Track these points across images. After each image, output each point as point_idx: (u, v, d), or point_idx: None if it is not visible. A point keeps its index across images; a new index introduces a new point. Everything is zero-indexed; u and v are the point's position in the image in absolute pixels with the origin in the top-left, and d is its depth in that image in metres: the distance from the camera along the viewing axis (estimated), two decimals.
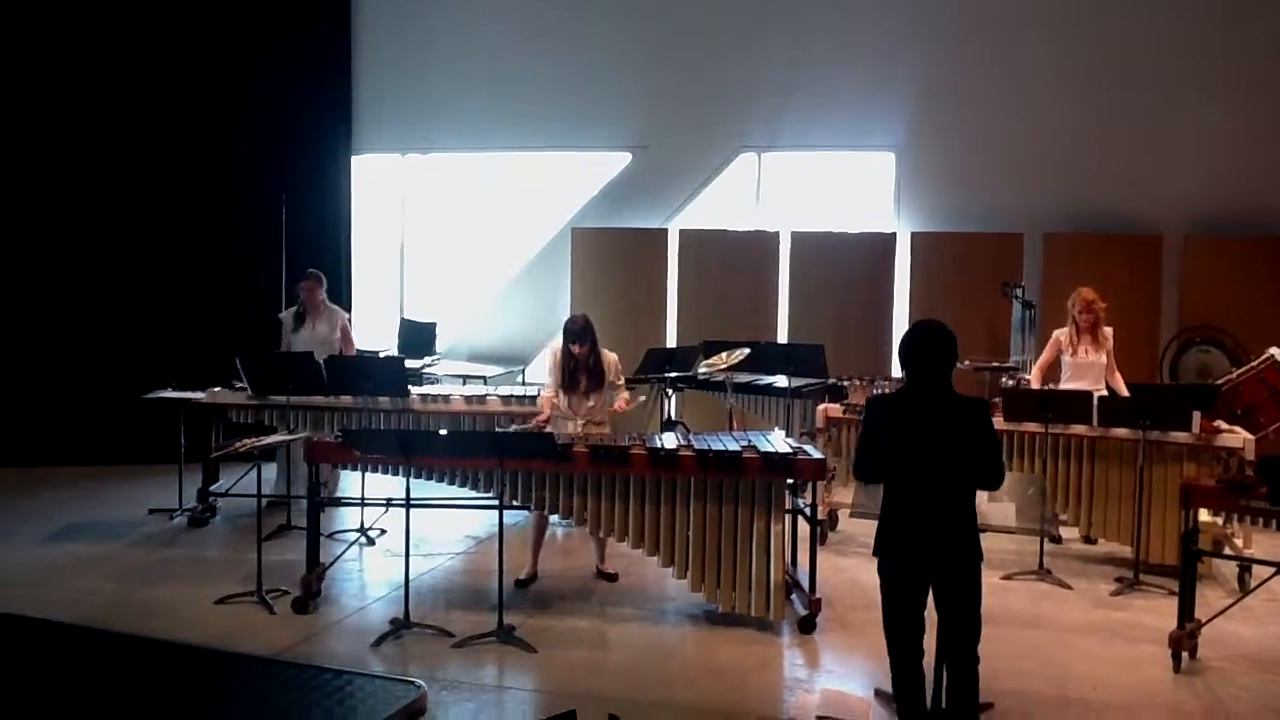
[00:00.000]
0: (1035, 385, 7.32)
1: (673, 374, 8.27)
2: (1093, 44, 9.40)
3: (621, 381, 6.71)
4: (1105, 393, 7.11)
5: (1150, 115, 9.28)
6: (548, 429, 6.40)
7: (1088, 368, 7.24)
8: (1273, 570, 5.37)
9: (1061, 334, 7.37)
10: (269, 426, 7.47)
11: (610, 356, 6.63)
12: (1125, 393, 7.11)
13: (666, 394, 8.60)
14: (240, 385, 7.51)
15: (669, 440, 6.11)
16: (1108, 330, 7.31)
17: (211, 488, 8.03)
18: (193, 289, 9.85)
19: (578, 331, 6.47)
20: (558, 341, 6.66)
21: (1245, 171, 9.09)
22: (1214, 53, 9.13)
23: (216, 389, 7.74)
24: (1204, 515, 5.73)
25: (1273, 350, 7.40)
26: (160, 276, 9.82)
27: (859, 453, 4.44)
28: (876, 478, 4.38)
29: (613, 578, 6.62)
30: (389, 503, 6.28)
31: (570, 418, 6.52)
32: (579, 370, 6.50)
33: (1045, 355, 7.46)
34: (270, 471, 7.95)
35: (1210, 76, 9.14)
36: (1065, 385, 7.25)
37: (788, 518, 6.07)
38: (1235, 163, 9.10)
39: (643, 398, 7.34)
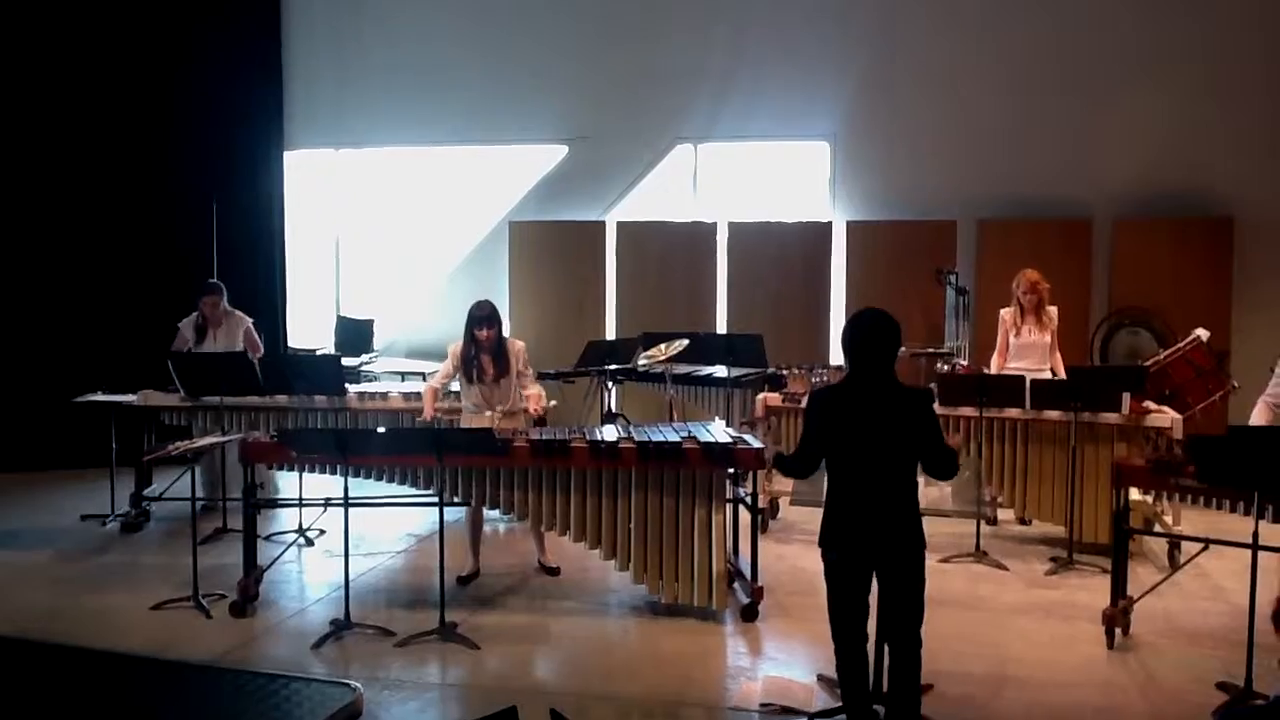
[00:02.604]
0: (997, 368, 7.41)
1: (612, 366, 8.27)
2: (1023, 32, 9.52)
3: (530, 371, 6.61)
4: (1048, 373, 7.23)
5: (1080, 101, 9.42)
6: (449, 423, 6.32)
7: (1031, 348, 7.36)
8: (1201, 546, 5.48)
9: (1006, 313, 7.49)
10: (202, 428, 7.35)
11: (517, 344, 6.54)
12: (1062, 373, 7.23)
13: (606, 386, 8.59)
14: (172, 387, 7.38)
15: (609, 433, 6.12)
16: (1052, 310, 7.43)
17: (145, 492, 7.87)
18: (123, 289, 9.63)
19: (485, 316, 6.35)
20: (458, 344, 6.53)
21: (1173, 155, 9.27)
22: (1142, 38, 9.30)
23: (148, 391, 7.59)
24: (1135, 494, 5.87)
25: (1199, 331, 7.55)
26: (89, 277, 9.59)
27: (797, 450, 4.47)
28: (803, 473, 4.43)
29: (554, 571, 6.61)
30: (327, 502, 6.21)
31: (481, 408, 6.40)
32: (483, 354, 6.39)
33: (1000, 339, 7.51)
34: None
35: (1139, 61, 9.31)
36: (1011, 365, 7.37)
37: (729, 507, 6.09)
38: (1163, 147, 9.27)
39: (554, 402, 7.31)
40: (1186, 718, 4.66)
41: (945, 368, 7.63)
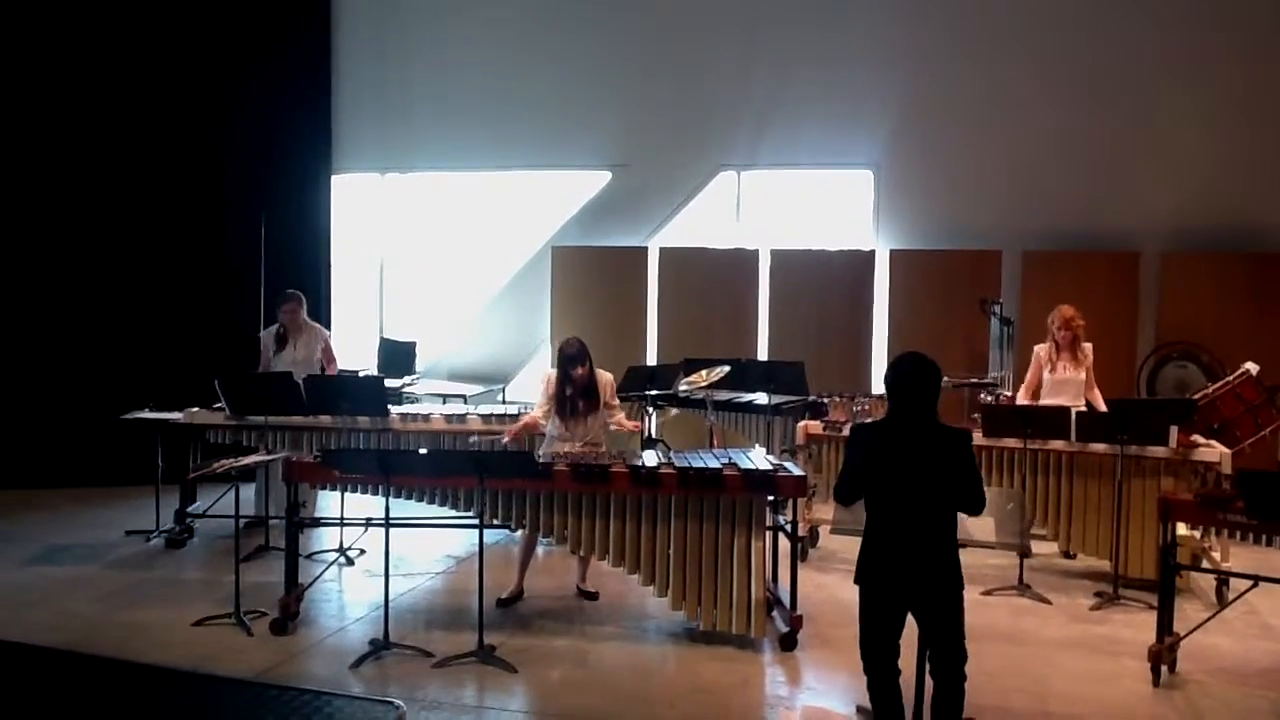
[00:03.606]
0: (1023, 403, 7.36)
1: (653, 392, 8.27)
2: (1071, 62, 9.48)
3: (617, 402, 6.74)
4: (1085, 409, 7.15)
5: (1128, 133, 9.36)
6: (537, 450, 6.41)
7: (1066, 384, 7.28)
8: (1250, 583, 5.40)
9: (1041, 350, 7.42)
10: (247, 447, 7.43)
11: (605, 376, 6.65)
12: (1103, 409, 7.15)
13: (647, 412, 8.59)
14: (218, 405, 7.47)
15: (650, 458, 6.11)
16: (1087, 346, 7.36)
17: (189, 509, 7.96)
18: (171, 309, 9.79)
19: (575, 355, 6.48)
20: (552, 371, 6.65)
21: (1222, 189, 9.17)
22: (1192, 71, 9.22)
23: (194, 409, 7.69)
24: (1182, 529, 5.76)
25: (1248, 365, 7.46)
26: (138, 296, 9.76)
27: (840, 477, 4.48)
28: (852, 500, 4.42)
29: (593, 596, 6.60)
30: (368, 522, 6.24)
31: (568, 439, 6.51)
32: (577, 395, 6.50)
33: (1030, 375, 7.49)
34: (248, 492, 7.89)
35: (1188, 95, 9.23)
36: (1045, 401, 7.29)
37: (768, 535, 6.07)
38: (1212, 180, 9.17)
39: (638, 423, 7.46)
40: None
41: (989, 398, 7.56)
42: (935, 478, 4.19)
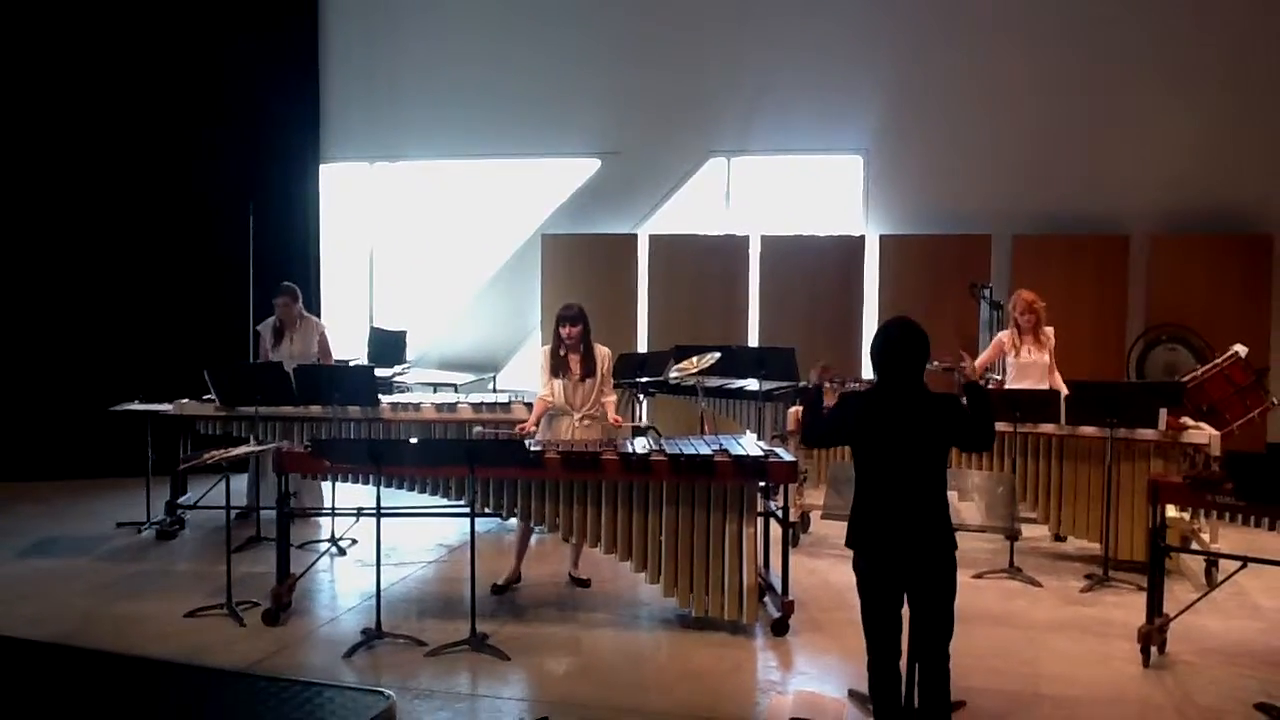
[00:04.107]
0: None
1: (644, 379, 8.27)
2: (1060, 47, 9.47)
3: (611, 381, 6.73)
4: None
5: (1116, 117, 9.37)
6: (535, 434, 6.40)
7: (1031, 367, 7.31)
8: (1239, 565, 5.43)
9: (1004, 335, 7.46)
10: (238, 438, 7.42)
11: (603, 350, 6.66)
12: (1064, 391, 7.16)
13: (638, 399, 8.59)
14: (208, 397, 7.46)
15: (640, 445, 6.12)
16: (1049, 330, 7.38)
17: (180, 500, 7.95)
18: (159, 300, 9.76)
19: (569, 316, 6.52)
20: (545, 347, 6.69)
21: (1211, 171, 9.18)
22: (1179, 54, 9.23)
23: (184, 401, 7.67)
24: (1171, 511, 5.80)
25: (1237, 347, 7.48)
26: (127, 288, 9.73)
27: (818, 426, 4.48)
28: (819, 443, 4.39)
29: (585, 583, 6.61)
30: (360, 512, 6.25)
31: (567, 410, 6.50)
32: (570, 353, 6.49)
33: (985, 356, 7.53)
34: (239, 483, 7.88)
35: (1176, 78, 9.24)
36: (1010, 386, 7.32)
37: (760, 520, 6.08)
38: (1201, 163, 9.19)
39: (643, 397, 7.49)
40: None
41: (982, 382, 7.56)
42: (925, 442, 4.18)
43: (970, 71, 9.65)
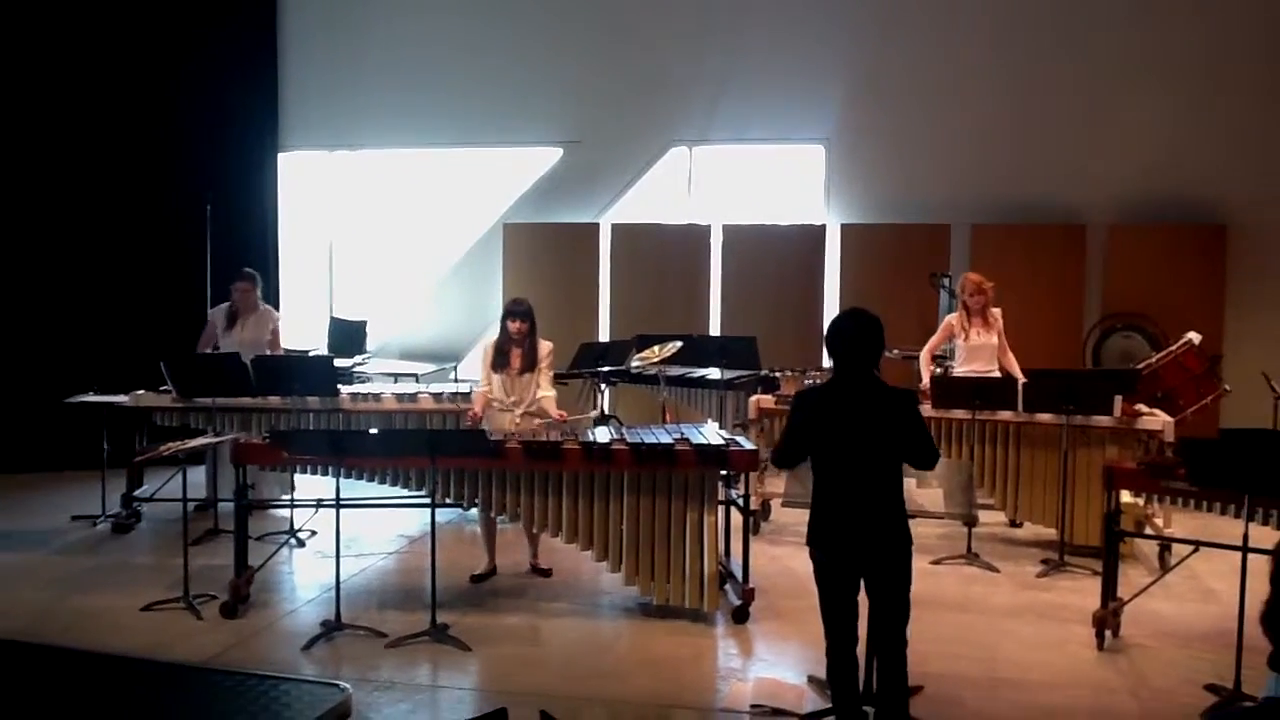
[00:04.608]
0: (925, 369, 7.46)
1: (606, 368, 8.27)
2: (1019, 38, 9.54)
3: (550, 374, 6.69)
4: (998, 373, 7.26)
5: (1076, 107, 9.44)
6: (482, 424, 6.39)
7: (981, 349, 7.38)
8: (1191, 549, 5.51)
9: (953, 319, 7.53)
10: (195, 429, 7.35)
11: (546, 344, 6.63)
12: (1018, 372, 7.25)
13: (600, 388, 8.59)
14: (165, 388, 7.37)
15: (602, 434, 6.12)
16: (996, 311, 7.46)
17: (136, 493, 7.86)
18: (115, 290, 9.61)
19: (517, 311, 6.49)
20: (491, 338, 6.63)
21: (1168, 162, 9.28)
22: (1139, 45, 9.31)
23: (140, 392, 7.58)
24: (1126, 497, 5.87)
25: (1191, 335, 7.58)
26: (81, 278, 9.57)
27: (781, 441, 4.49)
28: (792, 464, 4.45)
29: (546, 573, 6.61)
30: (319, 504, 6.20)
31: (506, 406, 6.48)
32: (513, 347, 6.47)
33: (936, 339, 7.60)
34: (196, 475, 7.80)
35: (1135, 68, 9.33)
36: (960, 369, 7.41)
37: (721, 509, 6.10)
38: (1158, 154, 9.29)
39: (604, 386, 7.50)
40: (1176, 719, 4.67)
41: (938, 370, 7.64)
42: (881, 436, 4.20)
43: (931, 62, 9.71)
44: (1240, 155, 9.14)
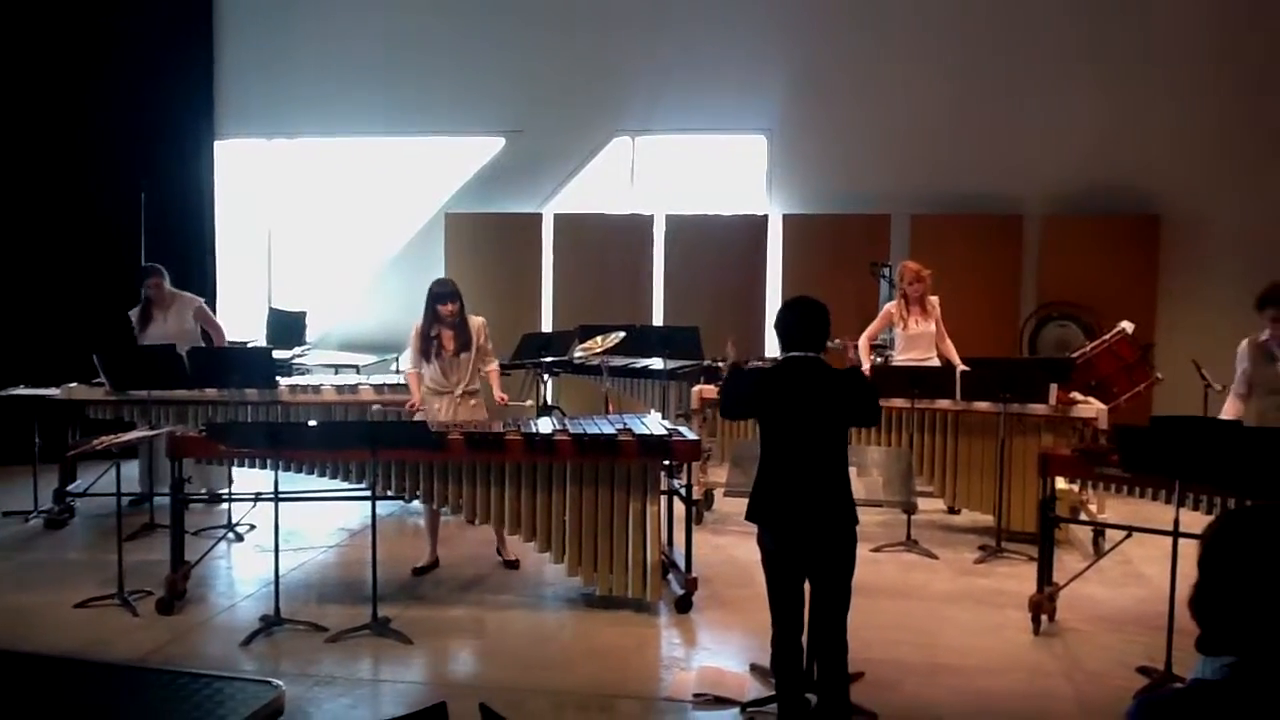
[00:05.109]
0: (864, 356, 7.54)
1: (548, 359, 8.24)
2: (959, 31, 9.63)
3: (490, 347, 6.63)
4: (937, 361, 7.35)
5: (1013, 100, 9.56)
6: (419, 412, 6.33)
7: (920, 338, 7.48)
8: (1125, 534, 5.62)
9: (892, 306, 7.61)
10: (129, 423, 7.22)
11: (476, 319, 6.54)
12: (956, 358, 7.35)
13: (542, 379, 8.57)
14: (98, 381, 7.23)
15: (545, 425, 6.09)
16: (934, 299, 7.55)
17: (69, 488, 7.70)
18: (46, 282, 9.38)
19: (448, 293, 6.38)
20: (417, 321, 6.55)
21: (1103, 155, 9.43)
22: (1075, 39, 9.44)
23: (72, 385, 7.43)
24: (1061, 483, 5.97)
25: (1124, 324, 7.72)
26: (10, 269, 9.34)
27: (727, 396, 4.54)
28: (737, 415, 4.46)
29: (514, 564, 6.55)
30: (258, 497, 6.13)
31: (445, 389, 6.42)
32: (444, 330, 6.39)
33: (875, 326, 7.68)
34: (130, 469, 7.66)
35: (1072, 61, 9.45)
36: (900, 357, 7.49)
37: (664, 499, 6.12)
38: (1094, 146, 9.43)
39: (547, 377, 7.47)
40: (1109, 701, 4.76)
41: (878, 359, 7.71)
42: (827, 414, 4.25)
43: (872, 56, 9.78)
44: (1174, 148, 9.31)
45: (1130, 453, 5.08)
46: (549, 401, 8.70)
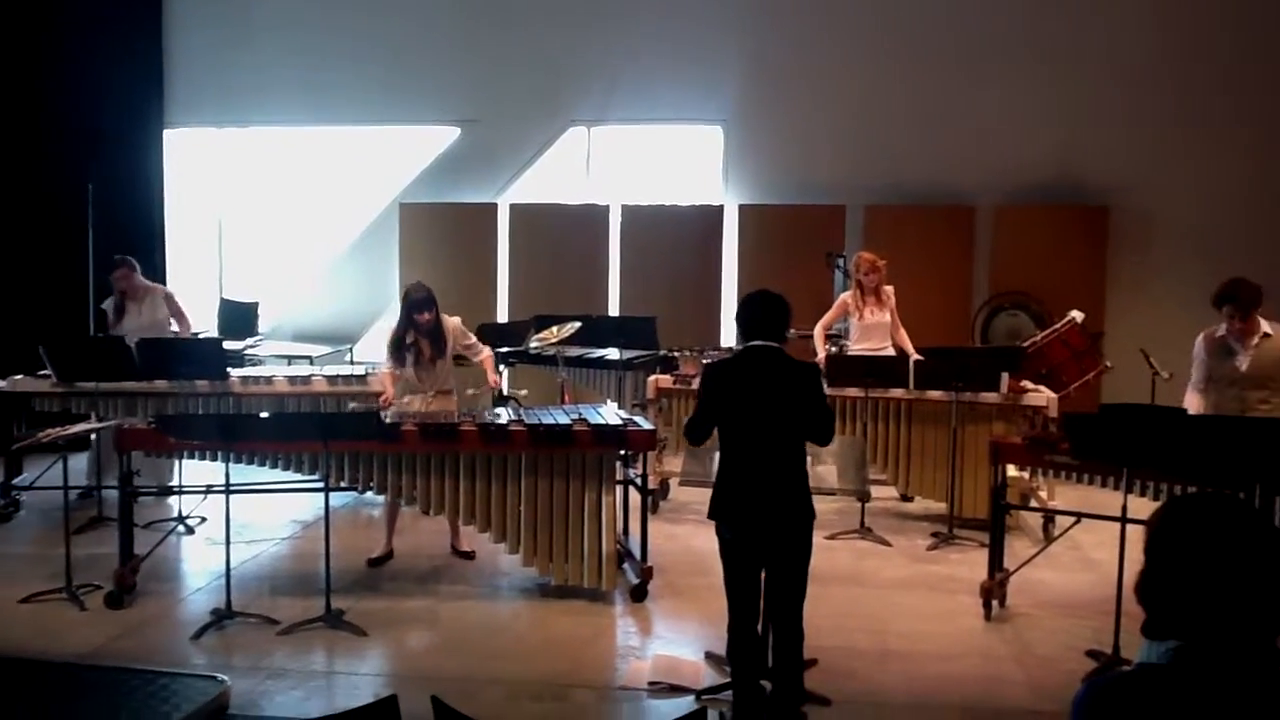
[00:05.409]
0: (820, 345, 7.57)
1: (504, 349, 8.21)
2: (913, 23, 9.67)
3: (473, 339, 6.63)
4: (892, 350, 7.41)
5: (967, 92, 9.61)
6: (390, 409, 6.28)
7: (875, 328, 7.53)
8: (1074, 520, 5.69)
9: (847, 296, 7.66)
10: (77, 415, 7.10)
11: (452, 321, 6.52)
12: (910, 347, 7.41)
13: (499, 369, 8.52)
14: (44, 372, 7.11)
15: (500, 415, 6.07)
16: (889, 289, 7.60)
17: (15, 481, 7.56)
18: None
19: (421, 300, 6.32)
20: (391, 328, 6.51)
21: (1054, 147, 9.51)
22: (1028, 32, 9.51)
23: (18, 377, 7.29)
24: (1012, 471, 6.03)
25: (1074, 314, 7.80)
26: None
27: (693, 416, 4.52)
28: (702, 439, 4.47)
29: (469, 556, 6.52)
30: (208, 489, 6.05)
31: (419, 390, 6.40)
32: (421, 338, 6.37)
33: (830, 315, 7.70)
34: (78, 462, 7.54)
35: (1025, 54, 9.51)
36: (856, 346, 7.54)
37: (619, 488, 6.12)
38: (1045, 139, 9.52)
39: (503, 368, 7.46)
40: (1059, 685, 4.82)
41: (832, 349, 7.75)
42: (786, 409, 4.28)
43: (828, 46, 9.80)
44: (1123, 139, 9.42)
45: (1079, 440, 5.15)
46: (504, 392, 8.66)
